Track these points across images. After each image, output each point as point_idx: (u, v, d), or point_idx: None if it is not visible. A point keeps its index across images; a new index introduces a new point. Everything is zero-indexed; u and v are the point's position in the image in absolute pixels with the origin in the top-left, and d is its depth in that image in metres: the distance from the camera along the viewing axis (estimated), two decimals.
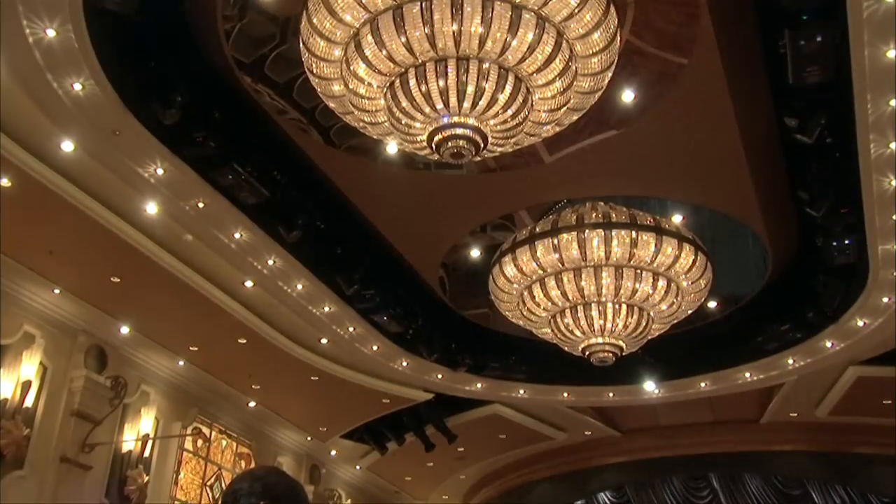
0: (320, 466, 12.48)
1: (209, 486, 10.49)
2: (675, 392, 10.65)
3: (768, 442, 11.28)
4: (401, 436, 11.89)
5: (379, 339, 9.88)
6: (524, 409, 11.70)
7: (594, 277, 8.16)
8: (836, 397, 10.36)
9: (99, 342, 8.82)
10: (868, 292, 7.97)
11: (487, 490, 13.52)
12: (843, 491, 11.04)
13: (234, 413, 10.99)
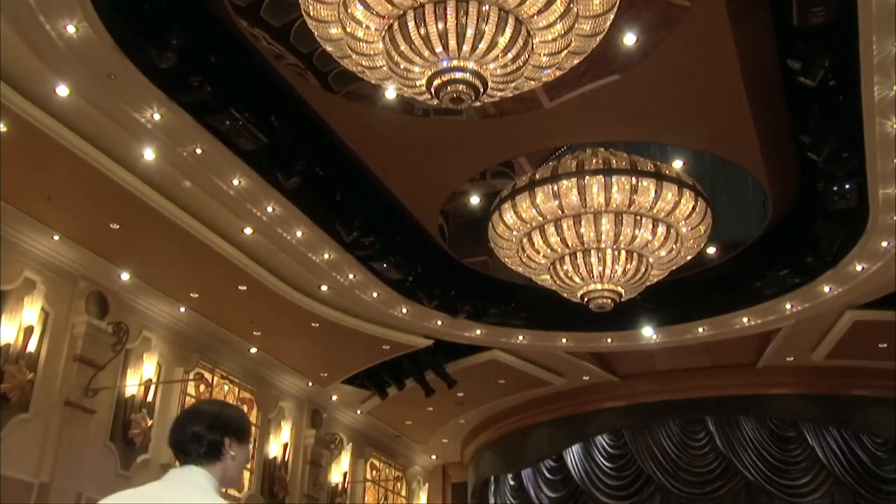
0: (322, 411, 12.65)
1: None
2: (673, 337, 10.74)
3: (764, 386, 11.42)
4: (401, 381, 12.03)
5: (379, 286, 9.93)
6: (523, 355, 11.81)
7: (593, 224, 8.16)
8: (832, 341, 10.45)
9: (99, 288, 8.86)
10: (867, 236, 7.97)
11: (486, 434, 13.73)
12: (837, 432, 11.21)
13: (236, 359, 11.11)
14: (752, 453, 11.42)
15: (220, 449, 2.38)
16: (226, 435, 2.40)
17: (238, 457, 2.42)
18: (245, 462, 2.45)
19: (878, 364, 10.81)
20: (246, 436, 2.45)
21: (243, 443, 2.44)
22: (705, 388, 11.61)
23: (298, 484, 11.94)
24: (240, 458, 2.43)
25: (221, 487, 2.36)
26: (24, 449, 7.83)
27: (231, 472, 2.42)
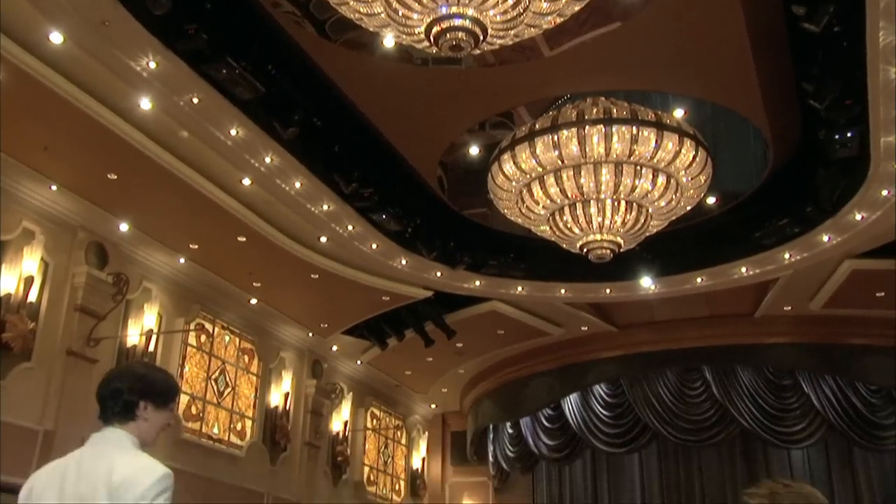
0: (322, 361, 12.77)
1: (214, 379, 10.77)
2: (672, 288, 10.79)
3: (761, 335, 11.50)
4: (400, 332, 12.11)
5: (378, 238, 9.93)
6: (522, 306, 11.87)
7: (593, 174, 8.14)
8: (830, 290, 10.49)
9: (99, 239, 8.87)
10: (868, 185, 7.95)
11: (485, 384, 13.88)
12: (833, 380, 11.33)
13: (236, 310, 11.17)
14: (748, 401, 11.56)
15: (134, 410, 2.51)
16: (143, 398, 2.52)
17: (152, 420, 2.54)
18: (161, 425, 2.57)
19: (875, 313, 10.88)
20: (166, 401, 2.58)
21: (162, 407, 2.56)
22: (703, 338, 11.69)
23: (300, 432, 12.11)
24: (154, 421, 2.55)
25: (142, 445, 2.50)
26: (27, 397, 7.93)
27: (144, 434, 2.53)
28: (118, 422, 2.53)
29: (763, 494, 2.24)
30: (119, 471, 2.42)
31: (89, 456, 2.54)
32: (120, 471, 2.42)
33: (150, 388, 2.58)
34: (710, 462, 12.63)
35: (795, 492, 2.20)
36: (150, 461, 2.47)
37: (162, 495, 2.39)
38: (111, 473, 2.43)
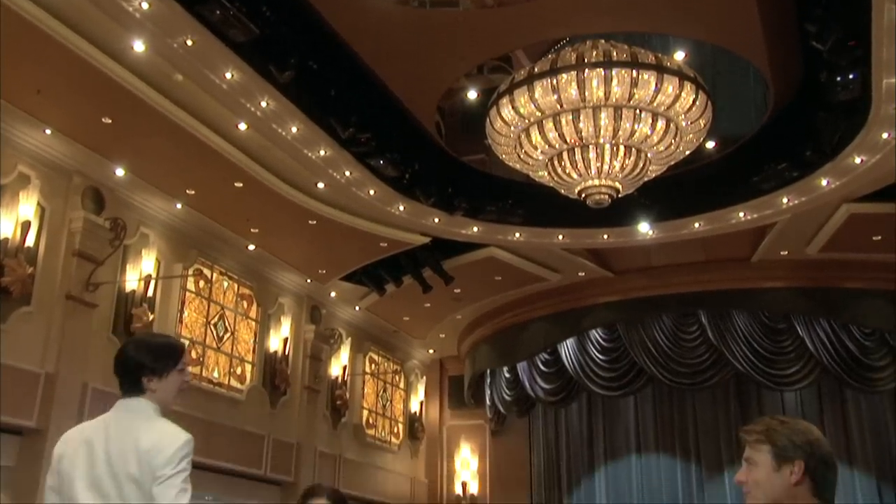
0: (320, 307, 12.84)
1: (213, 324, 10.84)
2: (669, 233, 10.80)
3: (757, 279, 11.56)
4: (398, 278, 12.15)
5: (376, 184, 9.89)
6: (520, 252, 11.90)
7: (592, 119, 8.08)
8: (827, 235, 10.50)
9: (95, 184, 8.83)
10: (868, 128, 7.90)
11: (482, 329, 13.99)
12: (827, 324, 11.43)
13: (234, 256, 11.18)
14: (742, 345, 11.69)
15: (140, 384, 2.78)
16: (144, 374, 2.78)
17: (162, 388, 2.80)
18: (174, 389, 2.84)
19: (871, 257, 10.92)
20: (167, 369, 2.81)
21: (166, 375, 2.80)
22: (699, 283, 11.75)
23: (299, 377, 12.24)
24: (164, 389, 2.81)
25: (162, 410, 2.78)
26: (28, 341, 7.98)
27: (161, 401, 2.81)
28: (133, 395, 2.79)
29: (760, 431, 2.27)
30: (146, 438, 2.67)
31: (116, 423, 2.79)
32: (147, 438, 2.67)
33: (148, 362, 2.80)
34: (704, 404, 12.84)
35: (791, 427, 2.23)
36: (173, 428, 2.73)
37: (185, 460, 2.66)
38: (138, 441, 2.68)
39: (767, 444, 2.22)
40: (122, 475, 2.68)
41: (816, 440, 2.20)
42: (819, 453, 2.17)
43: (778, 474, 2.18)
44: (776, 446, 2.20)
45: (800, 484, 2.15)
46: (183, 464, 2.67)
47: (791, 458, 2.17)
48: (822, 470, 2.17)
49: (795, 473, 2.15)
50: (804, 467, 2.15)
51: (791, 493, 2.16)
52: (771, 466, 2.19)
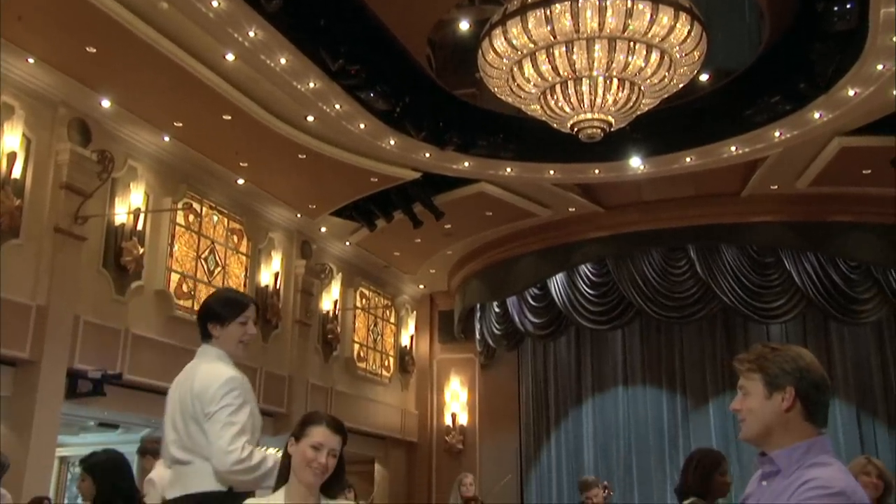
0: (311, 242, 12.85)
1: (204, 259, 10.83)
2: (660, 167, 10.78)
3: (746, 214, 11.60)
4: (389, 213, 12.13)
5: (366, 117, 9.79)
6: (510, 187, 11.87)
7: (586, 51, 7.97)
8: (817, 168, 10.51)
9: (80, 115, 8.69)
10: (863, 59, 7.84)
11: (473, 264, 14.04)
12: (814, 258, 11.54)
13: (224, 190, 11.11)
14: (730, 279, 11.81)
15: (206, 331, 3.20)
16: (207, 321, 3.19)
17: (224, 336, 3.17)
18: (235, 339, 3.20)
19: (860, 190, 10.97)
20: (226, 319, 3.19)
21: (226, 324, 3.17)
22: (689, 218, 11.80)
23: (290, 311, 12.32)
24: (226, 337, 3.18)
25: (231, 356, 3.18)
26: (18, 273, 7.96)
27: (224, 347, 3.18)
28: (204, 340, 3.22)
29: (752, 359, 2.31)
30: (198, 379, 3.09)
31: (189, 367, 3.24)
32: (199, 379, 3.08)
33: (211, 312, 3.21)
34: (691, 338, 13.04)
35: (782, 354, 2.27)
36: (221, 369, 3.11)
37: (229, 395, 3.01)
38: (193, 383, 3.09)
39: (759, 372, 2.26)
40: (187, 414, 3.09)
41: (807, 365, 2.23)
42: (810, 378, 2.21)
43: (770, 401, 2.22)
44: (767, 374, 2.24)
45: (791, 409, 2.20)
46: (226, 399, 3.00)
47: (782, 385, 2.21)
48: (814, 394, 2.21)
49: (787, 400, 2.20)
50: (795, 393, 2.20)
51: (783, 418, 2.21)
52: (763, 394, 2.24)
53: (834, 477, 2.07)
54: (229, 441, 2.99)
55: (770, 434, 2.23)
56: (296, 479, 2.83)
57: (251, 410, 3.07)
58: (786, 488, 2.11)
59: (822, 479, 2.05)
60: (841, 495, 2.02)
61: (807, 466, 2.13)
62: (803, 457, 2.16)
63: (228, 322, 3.19)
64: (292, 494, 2.84)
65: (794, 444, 2.19)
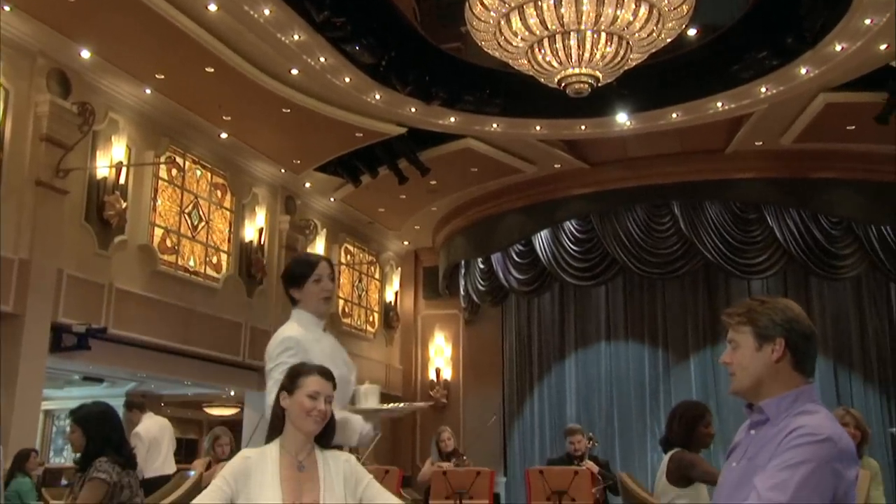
0: (295, 198, 12.78)
1: (187, 213, 10.75)
2: (647, 123, 10.76)
3: (731, 170, 11.64)
4: (374, 169, 12.06)
5: (351, 71, 9.66)
6: (496, 143, 11.82)
7: (574, 4, 7.89)
8: (802, 124, 10.54)
9: (60, 66, 8.52)
10: (852, 13, 7.82)
11: (458, 221, 14.04)
12: (797, 214, 11.63)
13: (207, 144, 10.99)
14: (713, 235, 11.89)
15: (292, 298, 3.39)
16: (288, 288, 3.39)
17: (304, 298, 3.34)
18: (314, 299, 3.34)
19: (843, 146, 11.03)
20: (298, 282, 3.35)
21: (300, 286, 3.33)
22: (673, 174, 11.82)
23: (275, 266, 12.29)
24: (306, 299, 3.33)
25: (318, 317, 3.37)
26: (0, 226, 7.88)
27: (309, 308, 3.35)
28: (293, 306, 3.39)
29: (741, 313, 2.34)
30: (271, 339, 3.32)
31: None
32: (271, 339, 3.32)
33: (288, 278, 3.39)
34: (674, 294, 13.17)
35: (771, 307, 2.30)
36: (286, 329, 3.29)
37: (283, 354, 3.16)
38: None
39: (749, 325, 2.29)
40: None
41: (795, 316, 2.27)
42: (799, 329, 2.25)
43: (760, 353, 2.26)
44: (757, 326, 2.27)
45: (781, 360, 2.24)
46: (281, 358, 3.14)
47: (772, 336, 2.24)
48: (803, 344, 2.24)
49: (777, 351, 2.23)
50: (785, 344, 2.23)
51: (773, 369, 2.24)
52: (753, 346, 2.27)
53: (821, 424, 2.12)
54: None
55: (760, 386, 2.27)
56: (293, 430, 2.88)
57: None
58: (775, 436, 2.16)
59: (811, 427, 2.10)
60: (828, 441, 2.07)
61: (795, 414, 2.18)
62: (791, 405, 2.21)
63: (304, 283, 3.34)
64: (288, 446, 2.88)
65: (783, 393, 2.23)
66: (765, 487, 2.03)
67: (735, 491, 2.16)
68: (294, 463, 2.87)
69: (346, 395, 3.32)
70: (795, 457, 2.05)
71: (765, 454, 2.15)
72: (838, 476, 2.06)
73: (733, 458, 2.32)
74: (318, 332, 3.37)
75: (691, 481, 4.44)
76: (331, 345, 3.38)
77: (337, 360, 3.29)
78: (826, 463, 2.04)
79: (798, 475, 2.01)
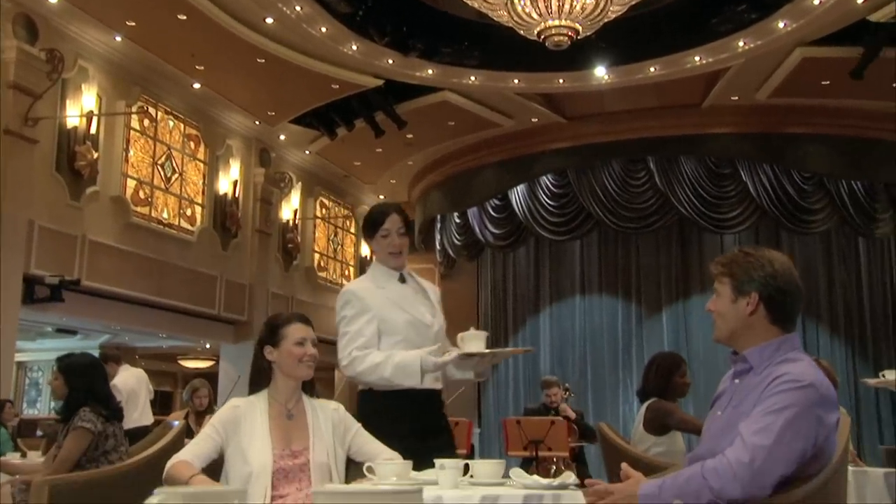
0: (270, 150, 12.64)
1: (160, 165, 10.60)
2: (624, 77, 10.72)
3: (706, 125, 11.67)
4: (350, 122, 11.93)
5: (327, 20, 9.48)
6: (473, 97, 11.72)
7: None
8: (778, 79, 10.55)
9: (26, 10, 8.27)
10: None
11: (434, 175, 13.98)
12: (770, 169, 11.74)
13: (179, 94, 10.79)
14: (688, 190, 11.97)
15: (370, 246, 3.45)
16: (365, 239, 3.44)
17: (376, 251, 3.37)
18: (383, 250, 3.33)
19: (817, 102, 11.09)
20: (369, 234, 3.35)
21: (372, 239, 3.35)
22: (650, 129, 11.83)
23: (250, 220, 12.21)
24: (377, 249, 3.35)
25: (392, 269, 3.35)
26: None
27: (380, 259, 3.36)
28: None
29: (724, 263, 2.38)
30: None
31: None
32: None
33: (363, 229, 3.44)
34: (648, 248, 13.29)
35: (754, 259, 2.33)
36: (350, 284, 3.38)
37: (344, 307, 3.25)
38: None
39: (728, 276, 2.34)
40: None
41: (774, 272, 2.29)
42: (775, 284, 2.28)
43: (735, 305, 2.31)
44: (735, 279, 2.31)
45: (754, 314, 2.28)
46: (342, 312, 3.25)
47: (747, 290, 2.29)
48: (779, 299, 2.29)
49: (750, 304, 2.28)
50: (759, 298, 2.28)
51: (747, 322, 2.30)
52: (730, 298, 2.32)
53: (804, 371, 2.18)
54: (340, 350, 3.25)
55: (737, 336, 2.33)
56: (283, 379, 2.93)
57: (370, 318, 3.21)
58: (759, 384, 2.21)
59: (793, 374, 2.16)
60: (811, 387, 2.13)
61: (777, 363, 2.24)
62: (774, 354, 2.26)
63: (373, 237, 3.34)
64: (277, 395, 2.92)
65: (764, 342, 2.28)
66: (750, 432, 2.09)
67: (721, 437, 2.22)
68: (283, 412, 2.90)
69: (424, 339, 3.26)
70: (779, 402, 2.11)
71: (749, 401, 2.21)
72: (820, 421, 2.12)
73: (718, 407, 2.38)
74: (389, 282, 3.32)
75: (668, 429, 4.55)
76: (399, 292, 3.31)
77: (406, 305, 3.29)
78: (808, 408, 2.10)
79: (781, 420, 2.07)
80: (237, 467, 2.72)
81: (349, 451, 2.96)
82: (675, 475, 2.18)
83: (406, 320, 3.25)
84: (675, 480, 2.14)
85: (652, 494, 2.14)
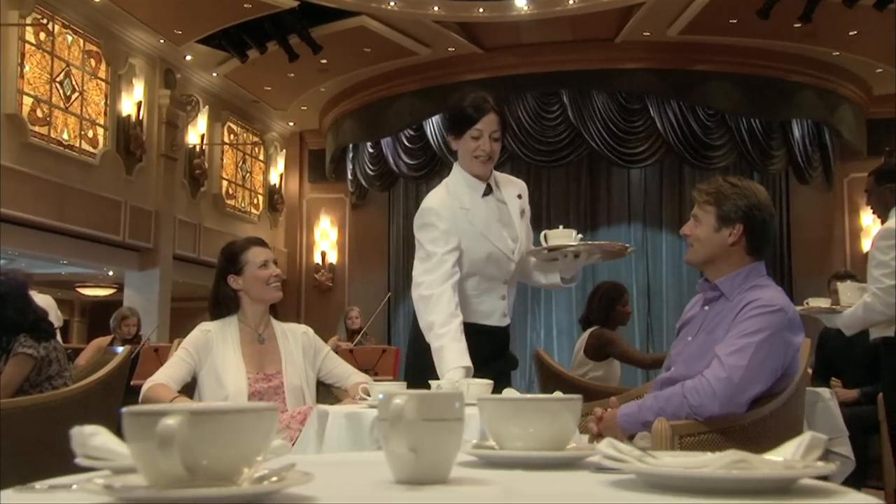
0: (175, 71, 12.06)
1: (59, 82, 9.95)
2: (543, 9, 10.73)
3: (618, 60, 11.89)
4: (262, 44, 11.50)
5: None
6: (391, 23, 11.49)
7: None
8: (689, 16, 10.73)
9: None
10: None
11: (347, 103, 13.70)
12: (677, 105, 12.11)
13: (78, 7, 10.09)
14: (599, 125, 12.23)
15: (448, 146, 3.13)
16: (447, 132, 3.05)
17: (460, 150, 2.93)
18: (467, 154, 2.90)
19: (724, 40, 11.44)
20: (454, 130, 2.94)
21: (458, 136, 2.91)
22: (564, 63, 11.96)
23: (155, 144, 11.70)
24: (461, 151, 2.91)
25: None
26: None
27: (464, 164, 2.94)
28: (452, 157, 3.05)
29: (710, 192, 2.48)
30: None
31: None
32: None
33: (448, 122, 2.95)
34: (558, 181, 13.58)
35: (739, 191, 2.44)
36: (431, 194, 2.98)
37: (422, 231, 2.83)
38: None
39: (713, 205, 2.45)
40: None
41: (758, 203, 2.43)
42: (759, 216, 2.42)
43: (718, 234, 2.43)
44: (721, 209, 2.43)
45: (736, 244, 2.42)
46: (419, 234, 2.84)
47: (732, 220, 2.41)
48: (760, 230, 2.43)
49: (734, 235, 2.41)
50: (743, 229, 2.41)
51: (727, 251, 2.43)
52: (713, 226, 2.44)
53: (774, 297, 2.35)
54: (415, 268, 2.83)
55: (713, 262, 2.47)
56: (251, 304, 2.92)
57: (453, 248, 2.74)
58: (731, 310, 2.37)
59: (764, 299, 2.32)
60: (780, 311, 2.30)
61: (748, 289, 2.40)
62: (744, 281, 2.42)
63: (459, 136, 2.85)
64: (247, 320, 2.91)
65: (735, 271, 2.43)
66: (725, 353, 2.25)
67: (696, 361, 2.37)
68: (254, 336, 2.91)
69: (503, 272, 2.89)
70: (752, 326, 2.27)
71: (723, 327, 2.36)
72: (788, 343, 2.30)
73: (687, 333, 2.53)
74: (473, 197, 2.87)
75: (607, 356, 4.78)
76: (485, 215, 2.86)
77: (491, 233, 2.87)
78: (779, 331, 2.28)
79: (756, 341, 2.24)
80: (213, 390, 2.72)
81: (319, 373, 3.00)
82: (655, 395, 2.33)
83: (488, 253, 2.84)
84: (655, 400, 2.28)
85: (631, 413, 2.28)
